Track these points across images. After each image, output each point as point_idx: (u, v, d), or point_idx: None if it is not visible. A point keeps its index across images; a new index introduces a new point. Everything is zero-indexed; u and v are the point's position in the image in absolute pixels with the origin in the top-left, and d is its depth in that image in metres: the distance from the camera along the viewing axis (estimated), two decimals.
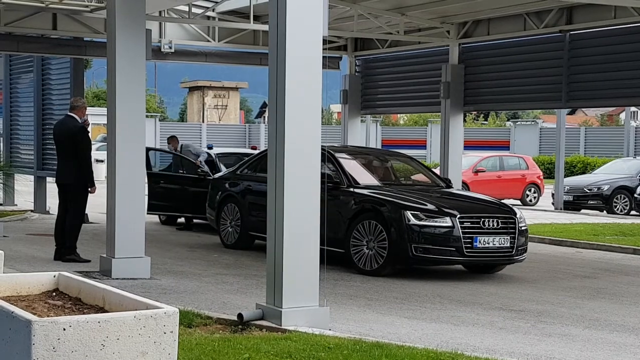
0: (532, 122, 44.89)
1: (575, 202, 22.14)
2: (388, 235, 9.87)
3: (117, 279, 8.84)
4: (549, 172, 31.75)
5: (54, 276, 4.01)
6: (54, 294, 3.87)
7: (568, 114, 33.50)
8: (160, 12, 14.67)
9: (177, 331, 3.34)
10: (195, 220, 15.09)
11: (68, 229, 10.24)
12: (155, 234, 13.66)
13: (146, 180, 16.46)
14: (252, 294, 8.20)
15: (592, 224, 17.19)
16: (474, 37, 15.67)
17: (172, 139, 16.21)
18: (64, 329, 3.08)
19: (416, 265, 10.20)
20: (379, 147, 36.07)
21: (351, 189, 10.57)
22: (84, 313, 3.51)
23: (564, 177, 23.08)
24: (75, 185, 10.24)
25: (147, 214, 13.62)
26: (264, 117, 66.09)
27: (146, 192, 12.16)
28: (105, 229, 9.47)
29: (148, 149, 13.74)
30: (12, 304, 3.37)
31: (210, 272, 9.86)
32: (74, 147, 10.19)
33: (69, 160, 10.26)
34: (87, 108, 10.75)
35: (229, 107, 53.18)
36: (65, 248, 10.24)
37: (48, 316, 3.36)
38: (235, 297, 8.15)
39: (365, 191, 10.55)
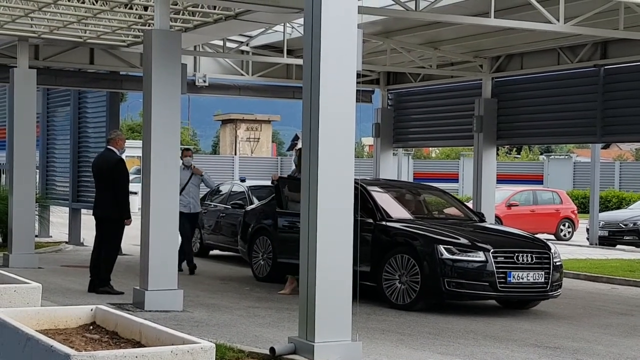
0: (566, 156, 44.52)
1: (611, 237, 21.84)
2: (421, 269, 9.81)
3: (150, 311, 8.87)
4: (583, 207, 31.38)
5: (91, 309, 4.05)
6: (91, 327, 3.90)
7: (602, 148, 33.20)
8: (195, 46, 14.88)
9: None
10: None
11: (103, 261, 10.33)
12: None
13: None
14: (284, 328, 8.18)
15: (628, 260, 16.93)
16: (507, 72, 15.63)
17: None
18: None
19: (449, 299, 10.11)
20: (411, 180, 35.98)
21: (383, 223, 10.55)
22: (120, 347, 3.52)
23: (599, 211, 22.80)
24: (113, 218, 10.35)
25: None
26: (296, 149, 66.29)
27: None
28: (139, 261, 9.53)
29: None
30: (50, 337, 3.40)
31: (243, 305, 9.86)
32: (112, 179, 10.31)
33: (108, 193, 10.37)
34: (125, 140, 10.89)
35: (261, 140, 53.50)
36: (100, 280, 10.32)
37: (85, 350, 3.38)
38: (268, 330, 8.13)
39: (397, 225, 10.52)
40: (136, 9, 11.74)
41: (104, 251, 10.39)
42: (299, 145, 7.18)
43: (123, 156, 10.68)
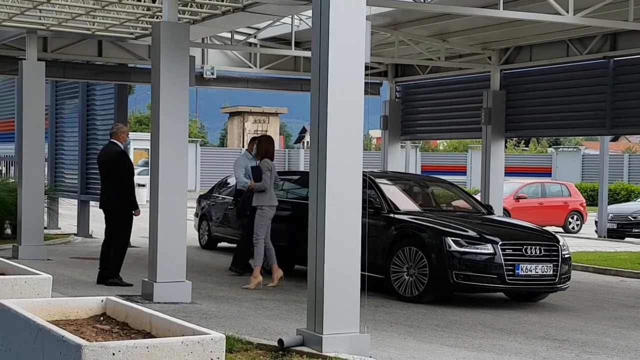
0: (575, 149, 44.39)
1: (619, 229, 21.80)
2: (428, 261, 9.82)
3: (158, 303, 8.90)
4: (591, 199, 31.31)
5: (102, 301, 4.07)
6: (102, 318, 3.93)
7: (611, 140, 33.11)
8: (203, 39, 14.88)
9: (223, 357, 3.36)
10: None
11: (113, 253, 10.37)
12: (196, 258, 13.75)
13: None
14: (292, 320, 8.20)
15: (637, 253, 16.90)
16: (515, 63, 15.59)
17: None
18: (113, 354, 3.12)
19: (457, 292, 10.12)
20: (419, 173, 35.93)
21: (391, 215, 10.55)
22: (131, 338, 3.54)
23: (608, 204, 22.74)
24: (120, 212, 10.38)
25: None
26: (303, 142, 66.26)
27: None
28: (147, 253, 9.56)
29: None
30: (61, 327, 3.42)
31: (251, 297, 9.88)
32: (116, 172, 10.34)
33: (112, 186, 10.40)
34: (129, 132, 10.89)
35: (268, 132, 53.47)
36: (109, 272, 10.36)
37: (96, 341, 3.40)
38: (276, 322, 8.15)
39: (405, 217, 10.52)
40: (144, 1, 11.74)
41: (113, 244, 10.42)
42: (307, 138, 7.19)
43: (130, 148, 10.69)
